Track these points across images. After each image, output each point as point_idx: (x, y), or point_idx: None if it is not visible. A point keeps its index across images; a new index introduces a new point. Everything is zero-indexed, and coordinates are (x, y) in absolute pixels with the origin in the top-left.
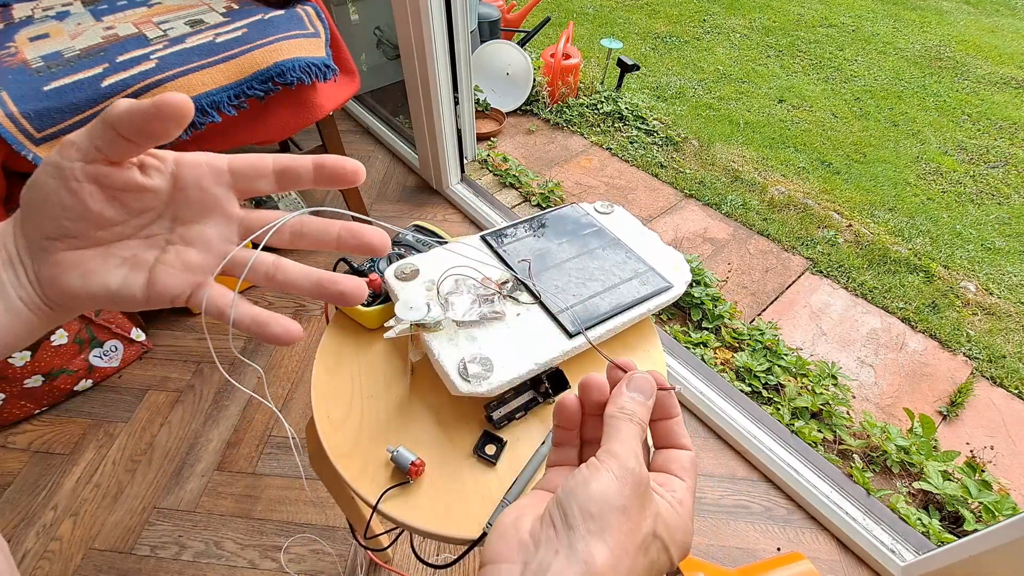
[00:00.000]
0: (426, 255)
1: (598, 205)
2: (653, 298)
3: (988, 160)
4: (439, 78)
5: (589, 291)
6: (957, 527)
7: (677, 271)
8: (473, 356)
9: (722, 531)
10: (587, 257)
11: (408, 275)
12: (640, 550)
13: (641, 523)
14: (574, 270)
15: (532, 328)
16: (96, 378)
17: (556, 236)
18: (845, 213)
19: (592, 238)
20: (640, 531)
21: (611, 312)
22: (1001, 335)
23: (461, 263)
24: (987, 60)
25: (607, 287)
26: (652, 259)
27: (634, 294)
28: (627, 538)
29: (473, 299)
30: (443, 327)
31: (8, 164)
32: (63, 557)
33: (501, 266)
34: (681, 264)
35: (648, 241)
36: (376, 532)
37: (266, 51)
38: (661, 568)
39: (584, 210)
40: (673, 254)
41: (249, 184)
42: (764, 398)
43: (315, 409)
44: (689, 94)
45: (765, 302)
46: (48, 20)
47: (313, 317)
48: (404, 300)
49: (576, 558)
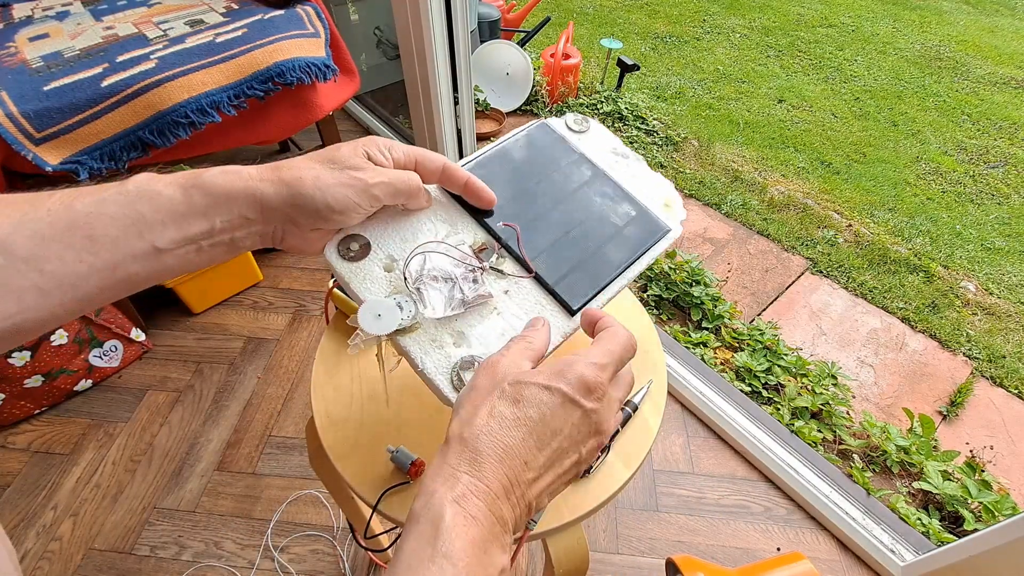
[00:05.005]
0: (375, 220)
1: (570, 120)
2: (652, 248)
3: (988, 160)
4: (439, 78)
5: (582, 250)
6: (957, 527)
7: (670, 208)
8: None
9: (722, 531)
10: (571, 202)
11: (357, 253)
12: (490, 395)
13: (491, 384)
14: (559, 222)
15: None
16: (96, 378)
17: (530, 172)
18: (845, 213)
19: (573, 172)
20: (490, 388)
21: (613, 275)
22: (1001, 335)
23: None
24: (987, 60)
25: (601, 241)
26: (641, 194)
27: (632, 247)
28: (477, 398)
29: (450, 283)
30: (420, 324)
31: (8, 164)
32: (63, 557)
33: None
34: (674, 198)
35: (632, 167)
36: (376, 532)
37: (266, 51)
38: (543, 401)
39: (555, 132)
40: (663, 184)
41: (425, 178)
42: (764, 398)
43: (315, 409)
44: (689, 94)
45: (765, 302)
46: (48, 20)
47: (313, 317)
48: (367, 306)
49: (440, 448)
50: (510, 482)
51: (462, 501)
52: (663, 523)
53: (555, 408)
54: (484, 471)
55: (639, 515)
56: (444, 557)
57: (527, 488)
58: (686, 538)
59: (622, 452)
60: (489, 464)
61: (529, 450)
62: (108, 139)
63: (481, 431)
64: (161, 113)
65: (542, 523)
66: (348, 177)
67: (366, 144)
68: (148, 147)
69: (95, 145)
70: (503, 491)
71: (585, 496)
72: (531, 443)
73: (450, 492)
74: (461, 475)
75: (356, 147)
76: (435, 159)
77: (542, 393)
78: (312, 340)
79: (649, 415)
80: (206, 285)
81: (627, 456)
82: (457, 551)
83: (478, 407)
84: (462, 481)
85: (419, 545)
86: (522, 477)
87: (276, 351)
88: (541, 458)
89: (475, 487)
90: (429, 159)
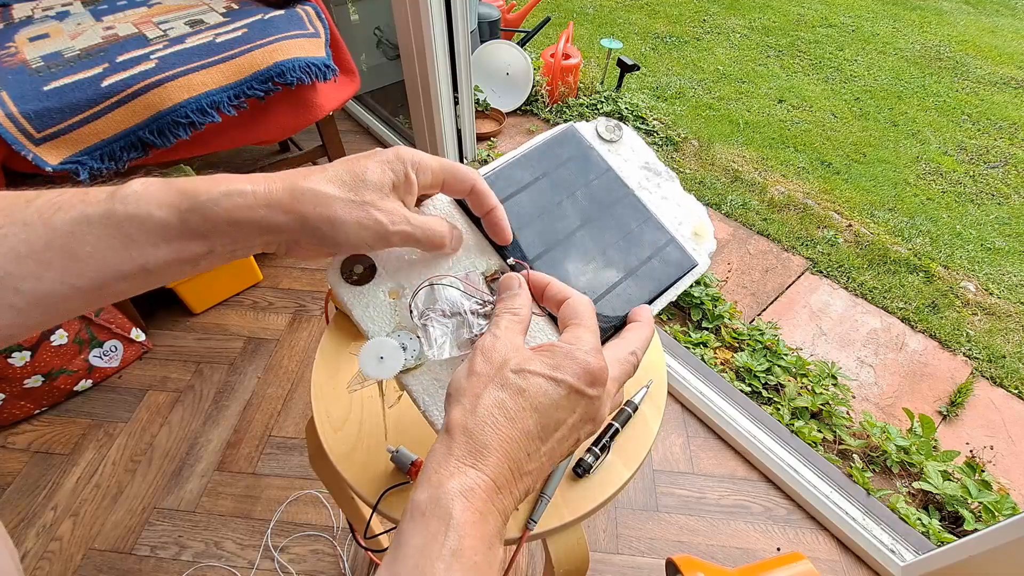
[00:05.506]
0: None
1: (601, 127)
2: (676, 284)
3: (988, 160)
4: (439, 78)
5: (604, 281)
6: (957, 527)
7: (700, 238)
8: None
9: (722, 531)
10: (595, 225)
11: (362, 276)
12: (493, 384)
13: (492, 371)
14: (581, 250)
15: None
16: (96, 378)
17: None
18: (845, 213)
19: (599, 191)
20: (491, 375)
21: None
22: (1001, 335)
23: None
24: (987, 60)
25: (624, 273)
26: (671, 219)
27: (655, 282)
28: (478, 386)
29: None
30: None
31: (8, 164)
32: (63, 557)
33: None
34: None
35: (664, 187)
36: (376, 532)
37: (266, 51)
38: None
39: (584, 139)
40: (695, 208)
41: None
42: (764, 398)
43: (315, 409)
44: (689, 94)
45: (765, 302)
46: (48, 20)
47: (313, 317)
48: (369, 348)
49: (441, 437)
50: (512, 474)
51: (470, 496)
52: (663, 523)
53: (560, 399)
54: (489, 464)
55: (639, 515)
56: (454, 555)
57: (527, 476)
58: (686, 538)
59: (622, 452)
60: (494, 457)
61: (532, 441)
62: (108, 139)
63: (486, 423)
64: (161, 113)
65: (542, 523)
66: (368, 217)
67: (393, 165)
68: (148, 147)
69: (95, 145)
70: (506, 484)
71: (585, 496)
72: (535, 434)
73: (458, 486)
74: (467, 469)
75: (384, 170)
76: (465, 178)
77: (547, 384)
78: (312, 340)
79: (649, 415)
80: (206, 285)
81: (627, 456)
82: (467, 549)
83: (479, 395)
84: (469, 475)
85: (426, 542)
86: (524, 468)
87: (276, 351)
88: (543, 448)
89: (482, 481)
90: (459, 179)
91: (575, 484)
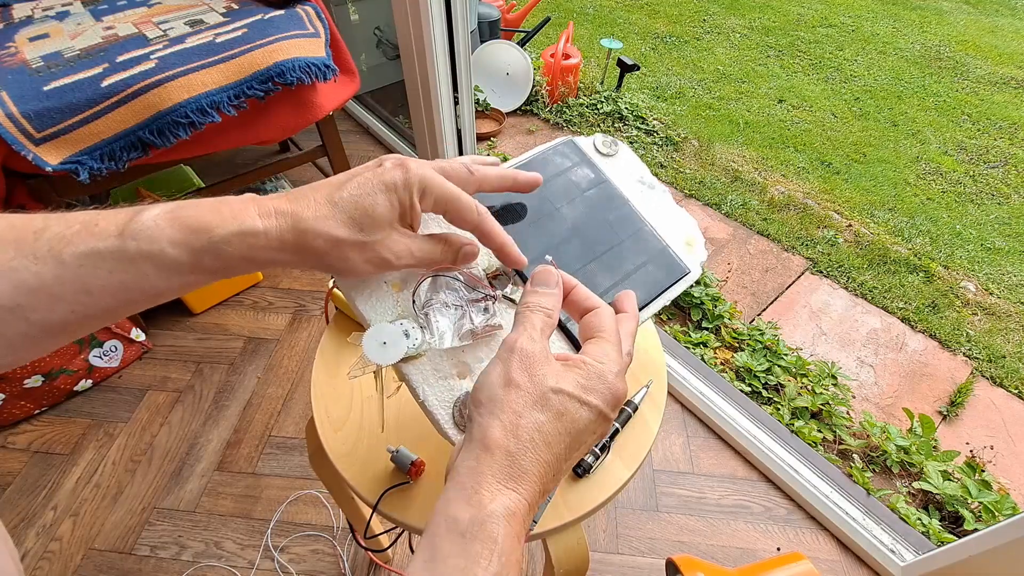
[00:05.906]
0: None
1: (599, 142)
2: (668, 290)
3: (988, 160)
4: (439, 78)
5: (598, 285)
6: (957, 527)
7: (691, 248)
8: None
9: (722, 531)
10: (592, 232)
11: None
12: (535, 406)
13: (533, 387)
14: (578, 254)
15: None
16: (96, 378)
17: (554, 194)
18: (845, 213)
19: (596, 200)
20: (533, 393)
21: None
22: (1001, 335)
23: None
24: (987, 60)
25: (619, 278)
26: (664, 230)
27: (648, 287)
28: (519, 403)
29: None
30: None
31: (8, 164)
32: (63, 557)
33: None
34: (696, 237)
35: (657, 200)
36: (376, 532)
37: (266, 51)
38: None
39: (582, 152)
40: (686, 221)
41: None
42: (764, 398)
43: (315, 409)
44: (689, 94)
45: (765, 302)
46: (48, 20)
47: (313, 317)
48: (372, 332)
49: (472, 445)
50: (540, 495)
51: (511, 520)
52: (663, 523)
53: (589, 424)
54: (528, 488)
55: (639, 515)
56: None
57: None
58: (686, 538)
59: (622, 452)
60: (531, 481)
61: (560, 463)
62: (108, 139)
63: (527, 447)
64: (161, 113)
65: (542, 523)
66: (376, 256)
67: (400, 195)
68: (148, 147)
69: (95, 145)
70: (535, 504)
71: (585, 496)
72: (563, 457)
73: (501, 510)
74: (509, 492)
75: (392, 203)
76: (468, 218)
77: (581, 409)
78: (312, 340)
79: (649, 415)
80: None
81: (627, 456)
82: (506, 572)
83: (520, 415)
84: (511, 499)
85: (468, 564)
86: (548, 487)
87: (276, 351)
88: (564, 466)
89: (520, 505)
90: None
91: (575, 484)
